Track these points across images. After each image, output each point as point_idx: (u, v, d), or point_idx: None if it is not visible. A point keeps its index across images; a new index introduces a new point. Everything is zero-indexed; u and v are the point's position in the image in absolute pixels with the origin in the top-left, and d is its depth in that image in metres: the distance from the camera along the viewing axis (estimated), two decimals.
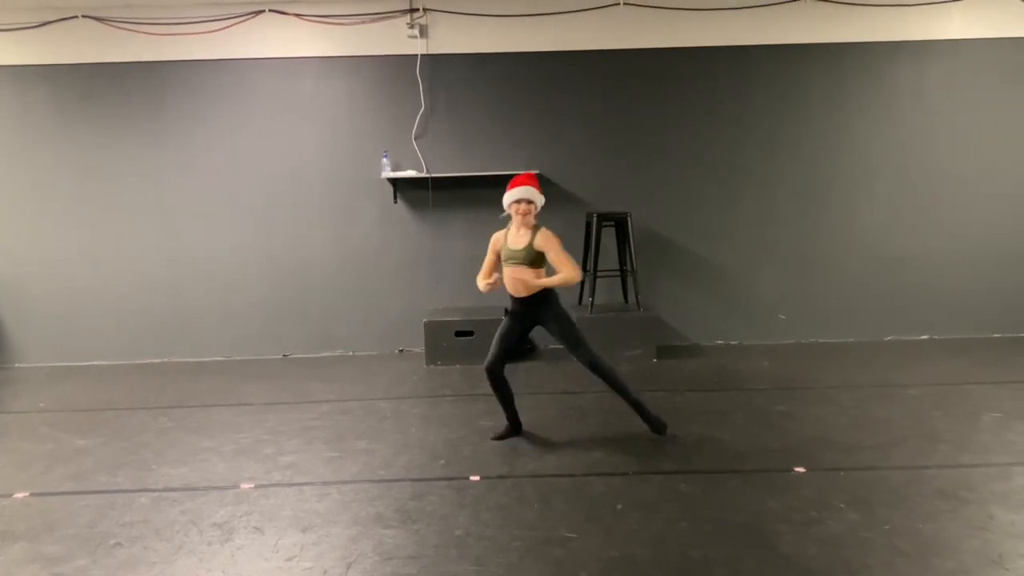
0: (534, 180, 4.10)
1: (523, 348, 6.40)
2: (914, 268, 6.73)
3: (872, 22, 6.52)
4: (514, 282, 4.03)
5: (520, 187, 4.03)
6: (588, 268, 6.29)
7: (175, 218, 6.64)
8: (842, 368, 5.76)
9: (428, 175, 6.53)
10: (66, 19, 6.40)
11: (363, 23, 6.49)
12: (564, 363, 6.15)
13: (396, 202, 6.69)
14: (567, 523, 3.13)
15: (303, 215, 6.68)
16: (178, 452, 4.19)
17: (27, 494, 3.64)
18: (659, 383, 5.46)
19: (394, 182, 6.60)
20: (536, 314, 4.12)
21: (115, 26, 6.41)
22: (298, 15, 6.47)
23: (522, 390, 4.96)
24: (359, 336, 6.79)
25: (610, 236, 6.54)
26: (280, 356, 6.78)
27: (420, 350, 6.49)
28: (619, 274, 6.61)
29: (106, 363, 6.70)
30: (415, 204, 6.71)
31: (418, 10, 6.47)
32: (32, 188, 6.58)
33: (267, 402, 5.21)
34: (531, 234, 4.04)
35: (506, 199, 4.08)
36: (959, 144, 6.64)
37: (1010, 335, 6.73)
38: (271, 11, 6.46)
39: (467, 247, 6.53)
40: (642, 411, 4.18)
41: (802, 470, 3.65)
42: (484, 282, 4.13)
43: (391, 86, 6.57)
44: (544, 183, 5.49)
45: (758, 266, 6.76)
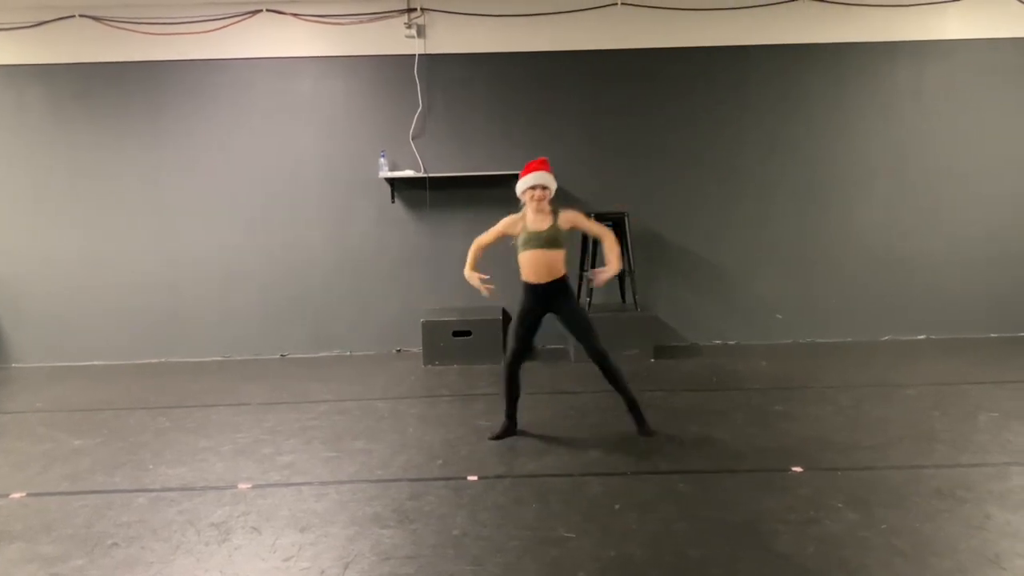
0: (547, 165, 4.11)
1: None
2: (913, 268, 6.73)
3: (871, 22, 6.52)
4: (538, 267, 4.03)
5: (536, 172, 4.05)
6: (586, 268, 6.28)
7: (173, 218, 6.64)
8: (840, 368, 5.76)
9: (426, 175, 6.52)
10: (63, 18, 6.39)
11: (360, 23, 6.49)
12: (562, 363, 6.16)
13: (394, 202, 6.69)
14: (565, 523, 3.13)
15: (301, 215, 6.67)
16: (176, 452, 4.19)
17: (24, 494, 3.63)
18: (657, 383, 5.45)
19: (392, 182, 6.60)
20: (554, 300, 4.11)
21: (112, 26, 6.40)
22: (295, 15, 6.46)
23: (520, 390, 4.94)
24: (357, 336, 6.78)
25: None
26: (278, 356, 6.77)
27: (418, 350, 6.49)
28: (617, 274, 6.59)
29: (104, 363, 6.69)
30: (413, 204, 6.70)
31: (416, 10, 6.46)
32: (29, 188, 6.57)
33: (265, 402, 5.20)
34: (551, 216, 4.05)
35: (521, 185, 4.09)
36: (958, 144, 6.64)
37: (1008, 335, 6.74)
38: (268, 11, 6.46)
39: (465, 247, 6.37)
40: (636, 411, 4.20)
41: (800, 470, 3.64)
42: (475, 276, 4.17)
43: (388, 86, 6.57)
44: None
45: (756, 266, 6.76)
